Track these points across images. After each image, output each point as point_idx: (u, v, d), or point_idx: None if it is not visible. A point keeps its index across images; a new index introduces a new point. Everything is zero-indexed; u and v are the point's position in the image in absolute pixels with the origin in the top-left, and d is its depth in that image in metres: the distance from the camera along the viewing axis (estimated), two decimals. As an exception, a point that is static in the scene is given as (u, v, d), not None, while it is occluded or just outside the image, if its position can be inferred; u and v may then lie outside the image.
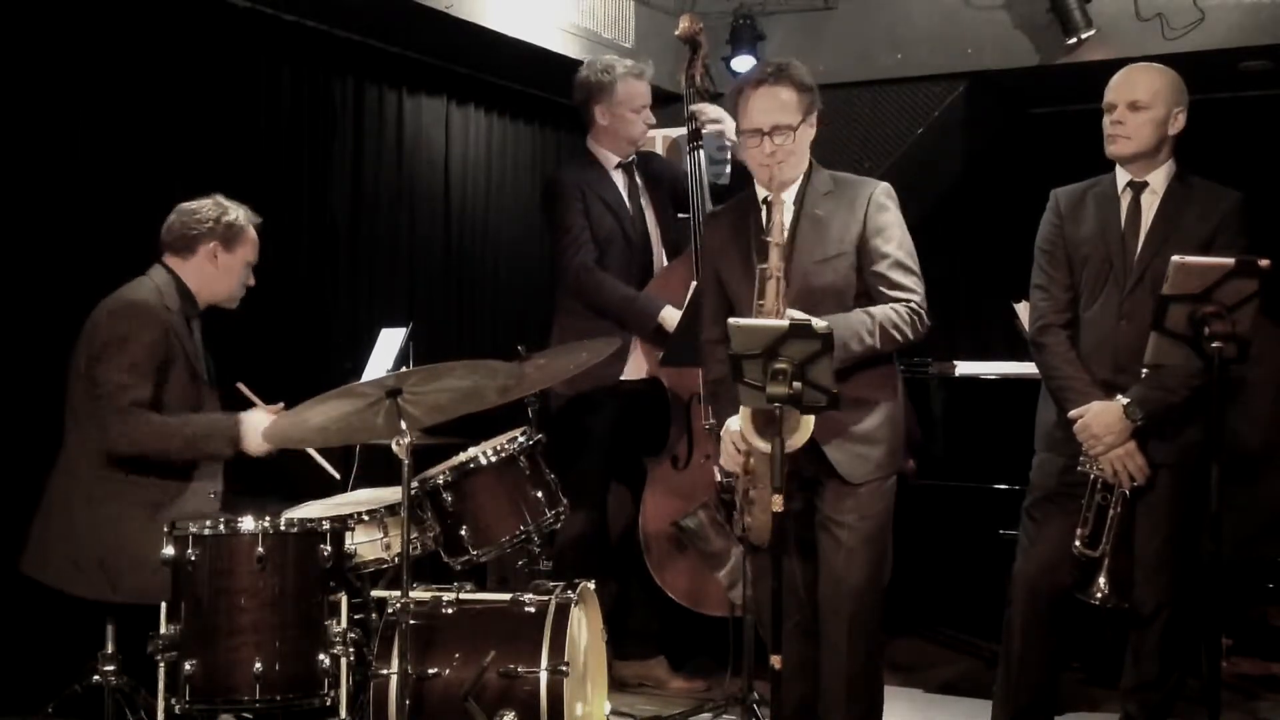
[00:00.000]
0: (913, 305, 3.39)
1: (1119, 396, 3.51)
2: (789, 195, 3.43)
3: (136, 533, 3.52)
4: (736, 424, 3.34)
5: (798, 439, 3.11)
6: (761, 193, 3.47)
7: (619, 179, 4.75)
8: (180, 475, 3.63)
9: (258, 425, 3.62)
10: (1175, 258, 3.08)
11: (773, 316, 3.20)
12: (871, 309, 3.37)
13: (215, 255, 3.75)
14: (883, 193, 3.45)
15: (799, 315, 3.20)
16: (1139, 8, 5.06)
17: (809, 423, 3.12)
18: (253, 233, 3.83)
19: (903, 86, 5.58)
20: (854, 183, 3.49)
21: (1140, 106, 3.55)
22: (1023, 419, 3.84)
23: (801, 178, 3.47)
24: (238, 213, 3.79)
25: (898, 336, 3.35)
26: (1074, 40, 5.13)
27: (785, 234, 3.28)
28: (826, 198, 3.44)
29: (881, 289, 3.39)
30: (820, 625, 3.49)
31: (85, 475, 3.58)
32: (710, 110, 4.68)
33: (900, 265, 3.41)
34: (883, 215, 3.42)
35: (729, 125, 4.64)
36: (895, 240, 3.41)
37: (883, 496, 3.46)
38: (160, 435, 3.54)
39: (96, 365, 3.56)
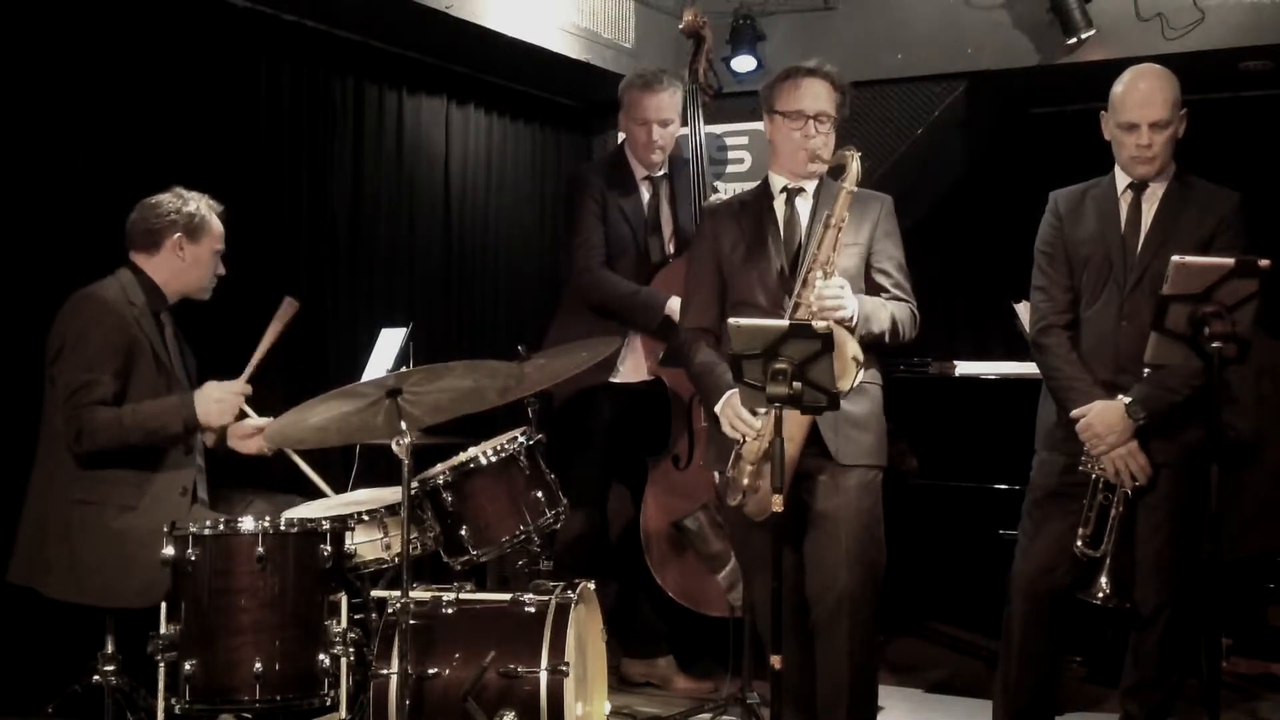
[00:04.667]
0: (912, 309, 3.57)
1: (1121, 396, 3.52)
2: (809, 186, 3.59)
3: (106, 535, 3.52)
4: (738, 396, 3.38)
5: (846, 381, 3.15)
6: (779, 183, 3.60)
7: (645, 191, 4.74)
8: (147, 474, 3.61)
9: (213, 395, 3.60)
10: (1175, 258, 3.09)
11: (825, 267, 3.36)
12: (883, 300, 3.51)
13: (181, 247, 3.74)
14: (892, 203, 3.63)
15: (841, 280, 3.36)
16: (1139, 8, 5.06)
17: (848, 342, 3.18)
18: (216, 222, 3.81)
19: (903, 86, 5.58)
20: (864, 192, 3.60)
21: (1162, 124, 3.53)
22: (1023, 419, 3.85)
23: (819, 178, 3.60)
24: (199, 203, 3.78)
25: (899, 332, 3.52)
26: (1074, 40, 5.12)
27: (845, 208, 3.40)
28: (840, 195, 3.50)
29: (887, 287, 3.55)
30: (815, 624, 3.51)
31: (57, 477, 3.57)
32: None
33: (902, 268, 3.59)
34: (891, 221, 3.61)
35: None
36: (899, 245, 3.61)
37: (872, 491, 3.51)
38: (115, 427, 3.51)
39: (56, 364, 3.57)
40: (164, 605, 3.34)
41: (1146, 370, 3.41)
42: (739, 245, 3.56)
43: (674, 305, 4.50)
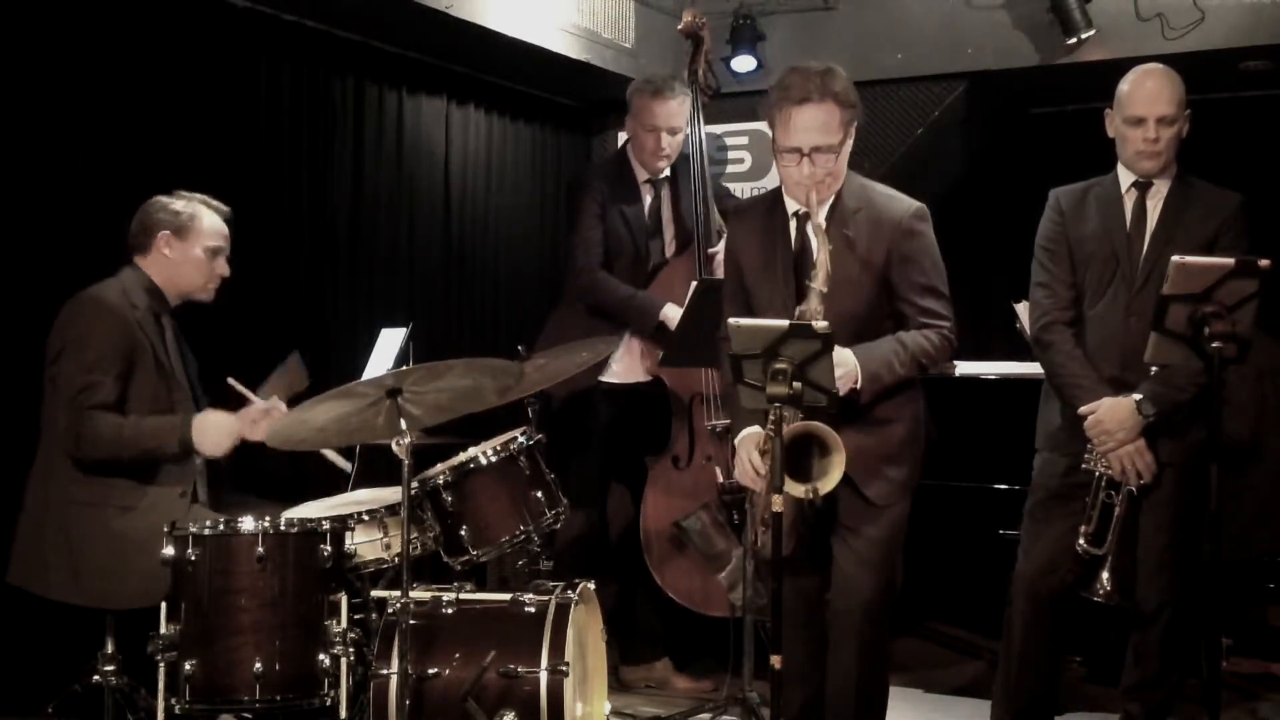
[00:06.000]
0: (943, 331, 3.35)
1: (1133, 393, 3.51)
2: (820, 211, 3.30)
3: (106, 536, 3.52)
4: (756, 439, 3.32)
5: (827, 484, 3.07)
6: (792, 205, 3.39)
7: (646, 194, 4.74)
8: (146, 477, 3.61)
9: (212, 426, 3.60)
10: (1175, 258, 3.09)
11: None
12: (903, 336, 3.32)
13: (169, 245, 3.73)
14: (913, 217, 3.35)
15: (837, 353, 3.12)
16: (1139, 8, 5.06)
17: (839, 467, 3.06)
18: (209, 221, 3.78)
19: (903, 86, 5.58)
20: (884, 201, 3.38)
21: (1168, 120, 3.54)
22: (1023, 419, 3.85)
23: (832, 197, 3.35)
24: (191, 203, 3.77)
25: (926, 363, 3.32)
26: (1074, 40, 5.12)
27: (828, 277, 3.18)
28: (857, 215, 3.34)
29: (911, 315, 3.35)
30: (830, 631, 3.47)
31: (57, 478, 3.57)
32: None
33: (930, 290, 3.35)
34: (910, 242, 3.33)
35: None
36: (924, 266, 3.35)
37: (901, 511, 3.44)
38: (114, 439, 3.51)
39: (56, 365, 3.56)
40: (164, 605, 3.33)
41: (1154, 368, 3.42)
42: (755, 257, 3.43)
43: (668, 313, 4.50)
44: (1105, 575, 3.54)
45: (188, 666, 3.29)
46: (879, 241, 3.32)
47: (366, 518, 3.65)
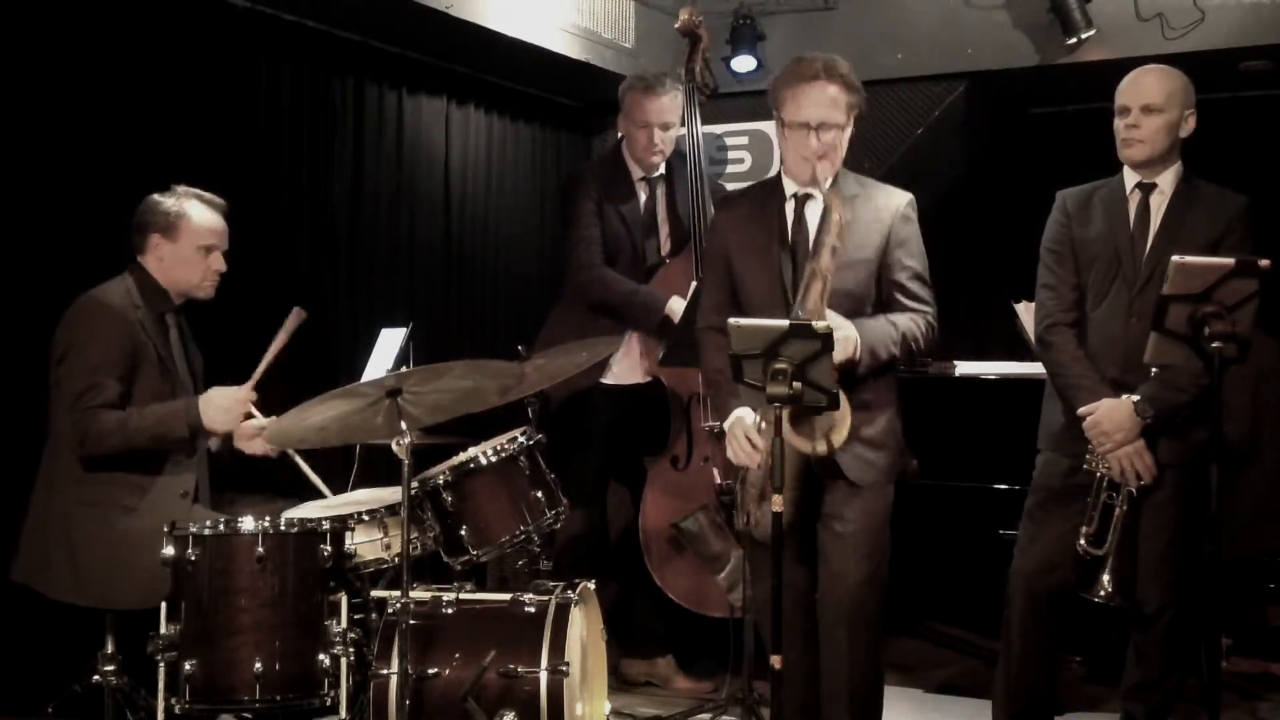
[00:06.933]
0: (928, 317, 3.46)
1: (1130, 395, 3.51)
2: (818, 193, 3.41)
3: (107, 537, 3.53)
4: (750, 417, 3.36)
5: (838, 436, 3.14)
6: (790, 187, 3.47)
7: (641, 192, 4.74)
8: (149, 475, 3.61)
9: (219, 401, 3.60)
10: (1175, 258, 3.09)
11: (815, 319, 3.20)
12: (894, 318, 3.40)
13: (160, 245, 3.73)
14: (909, 205, 3.48)
15: (838, 319, 3.23)
16: (1139, 8, 5.06)
17: (847, 421, 3.13)
18: (198, 219, 3.74)
19: (903, 86, 5.58)
20: (880, 189, 3.50)
21: (1154, 109, 3.55)
22: (1023, 419, 3.85)
23: (831, 178, 3.44)
24: (181, 199, 3.75)
25: (914, 347, 3.42)
26: (1074, 40, 5.12)
27: (843, 233, 3.27)
28: (853, 200, 3.41)
29: (900, 298, 3.44)
30: (820, 623, 3.49)
31: (61, 479, 3.58)
32: None
33: (919, 278, 3.47)
34: (907, 227, 3.46)
35: None
36: (914, 252, 3.47)
37: (883, 497, 3.47)
38: (120, 431, 3.52)
39: (60, 367, 3.57)
40: (164, 605, 3.34)
41: (1154, 369, 3.42)
42: (747, 246, 3.48)
43: (673, 306, 4.50)
44: (1105, 576, 3.54)
45: (188, 666, 3.29)
46: (877, 225, 3.42)
47: (366, 518, 3.65)
